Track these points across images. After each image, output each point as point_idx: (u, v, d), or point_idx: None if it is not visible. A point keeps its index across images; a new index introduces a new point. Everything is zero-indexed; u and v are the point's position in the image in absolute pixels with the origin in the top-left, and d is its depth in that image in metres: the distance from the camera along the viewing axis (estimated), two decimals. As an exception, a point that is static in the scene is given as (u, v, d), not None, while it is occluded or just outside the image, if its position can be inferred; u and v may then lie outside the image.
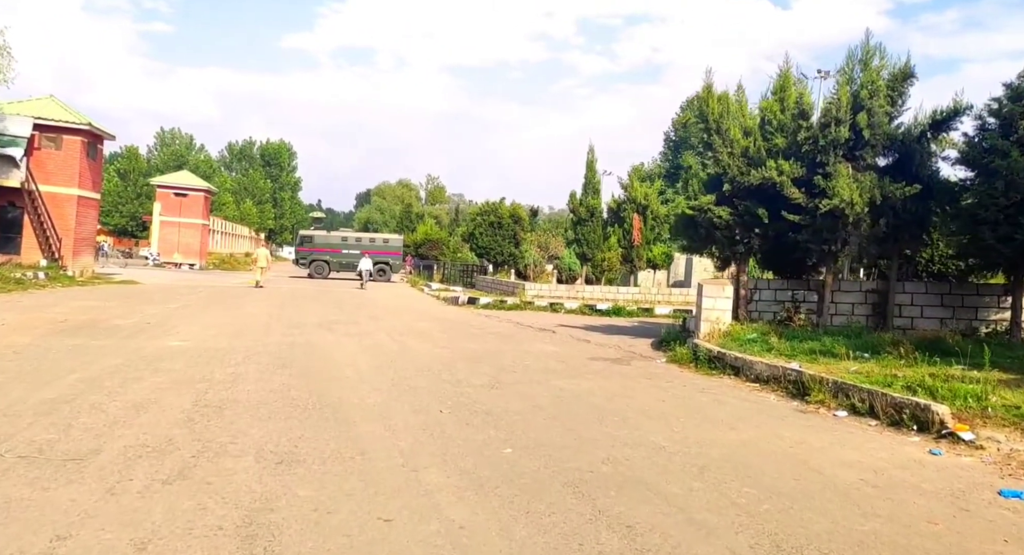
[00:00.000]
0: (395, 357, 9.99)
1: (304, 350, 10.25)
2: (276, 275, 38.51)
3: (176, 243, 43.91)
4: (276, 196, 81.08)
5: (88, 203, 27.53)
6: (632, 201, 23.07)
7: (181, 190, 44.53)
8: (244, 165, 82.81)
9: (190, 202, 44.60)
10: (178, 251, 43.66)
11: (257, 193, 74.69)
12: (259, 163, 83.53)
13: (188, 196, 44.56)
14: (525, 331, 14.64)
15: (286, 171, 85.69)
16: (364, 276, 30.05)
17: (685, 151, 52.24)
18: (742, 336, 10.21)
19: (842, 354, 8.50)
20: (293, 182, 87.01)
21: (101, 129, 27.47)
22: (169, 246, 43.83)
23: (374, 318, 16.21)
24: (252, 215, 68.66)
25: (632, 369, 9.88)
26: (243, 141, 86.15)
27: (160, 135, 75.04)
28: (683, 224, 12.16)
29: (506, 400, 7.25)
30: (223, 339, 11.01)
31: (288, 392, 7.22)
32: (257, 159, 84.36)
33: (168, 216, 44.25)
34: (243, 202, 68.95)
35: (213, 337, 11.22)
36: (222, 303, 18.28)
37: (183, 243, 43.99)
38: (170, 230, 44.06)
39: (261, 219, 72.14)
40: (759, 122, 11.51)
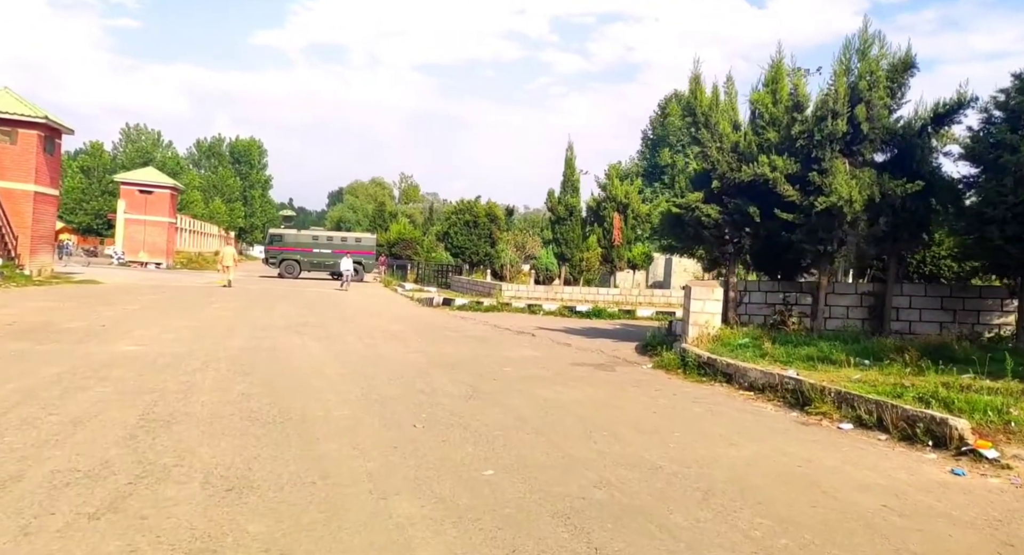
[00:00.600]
0: (366, 363, 9.33)
1: (268, 356, 9.52)
2: (245, 275, 37.34)
3: (142, 242, 42.36)
4: (246, 194, 79.35)
5: (46, 199, 26.20)
6: (612, 200, 22.59)
7: (147, 187, 42.95)
8: (213, 162, 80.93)
9: (156, 199, 43.06)
10: (144, 250, 42.12)
11: (226, 191, 72.96)
12: (228, 160, 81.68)
13: (154, 193, 43.01)
14: (503, 334, 14.05)
15: (256, 169, 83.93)
16: (346, 277, 29.01)
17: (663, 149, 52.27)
18: (733, 341, 9.76)
19: (841, 361, 8.08)
20: (263, 180, 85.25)
21: (59, 123, 26.16)
22: (135, 245, 42.26)
23: (345, 320, 15.47)
24: (221, 213, 66.95)
25: (618, 376, 9.36)
26: (212, 138, 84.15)
27: (126, 131, 72.64)
28: (669, 223, 11.71)
29: (485, 412, 6.66)
30: (181, 343, 10.22)
31: (247, 403, 6.53)
32: (226, 156, 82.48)
33: (133, 214, 42.65)
34: (212, 200, 67.22)
35: (171, 341, 10.42)
36: (185, 304, 17.34)
37: (149, 242, 42.45)
38: (135, 228, 42.48)
39: (231, 217, 70.40)
40: (750, 116, 11.11)
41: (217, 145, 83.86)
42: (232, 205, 72.48)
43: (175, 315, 14.41)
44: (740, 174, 10.34)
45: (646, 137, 55.96)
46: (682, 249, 12.29)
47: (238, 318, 14.49)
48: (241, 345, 10.41)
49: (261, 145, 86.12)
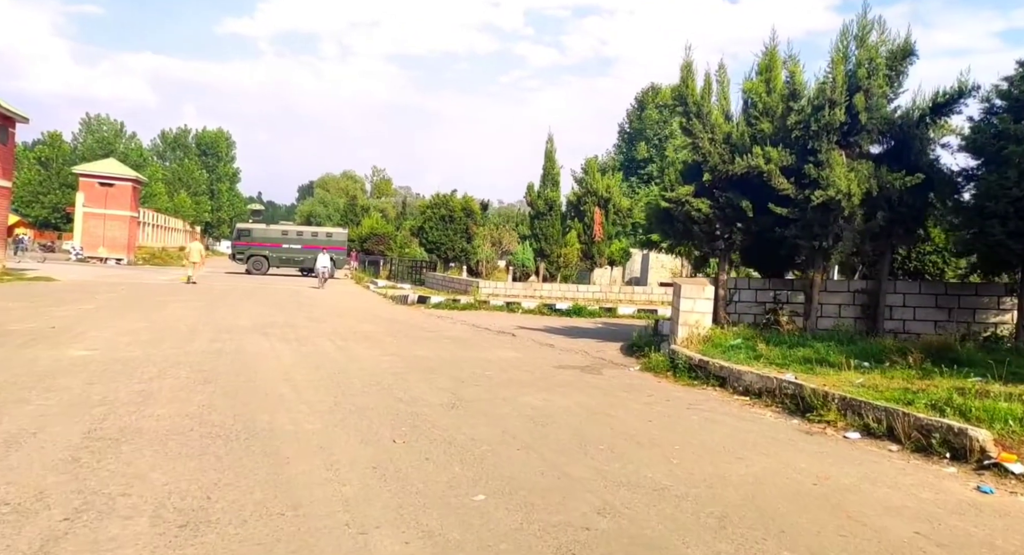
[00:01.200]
0: (339, 368, 8.72)
1: (232, 360, 8.84)
2: (211, 271, 36.12)
3: (101, 236, 40.68)
4: (213, 188, 77.29)
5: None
6: (593, 194, 22.12)
7: (107, 179, 41.24)
8: (179, 154, 78.58)
9: (117, 192, 41.38)
10: (103, 245, 40.45)
11: (192, 184, 70.86)
12: (195, 153, 79.42)
13: (115, 186, 41.32)
14: (482, 334, 13.52)
15: (224, 161, 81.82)
16: (322, 274, 27.71)
17: (640, 143, 52.14)
18: (724, 341, 9.39)
19: (840, 363, 7.75)
20: (231, 173, 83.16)
21: (12, 110, 24.74)
22: (94, 239, 40.56)
23: (315, 320, 14.76)
24: (187, 207, 64.93)
25: (606, 380, 8.91)
26: (178, 129, 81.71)
27: (86, 121, 69.89)
28: (657, 218, 11.29)
29: (471, 424, 6.14)
30: (138, 347, 9.47)
31: (207, 416, 5.90)
32: (192, 148, 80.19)
33: (93, 207, 40.94)
34: (177, 193, 65.15)
35: (126, 345, 9.66)
36: (145, 303, 16.42)
37: (109, 236, 40.78)
38: (95, 222, 40.78)
39: (196, 211, 68.38)
40: (742, 106, 10.74)
41: (183, 136, 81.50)
42: (198, 199, 70.45)
43: (133, 315, 13.55)
44: (733, 166, 9.96)
45: (623, 131, 55.78)
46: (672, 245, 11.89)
47: (201, 318, 13.69)
48: (203, 348, 9.69)
49: (229, 137, 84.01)
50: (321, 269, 27.82)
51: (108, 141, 65.90)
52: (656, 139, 52.23)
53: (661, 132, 52.20)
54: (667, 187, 10.84)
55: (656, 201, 11.35)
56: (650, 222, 12.27)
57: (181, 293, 20.45)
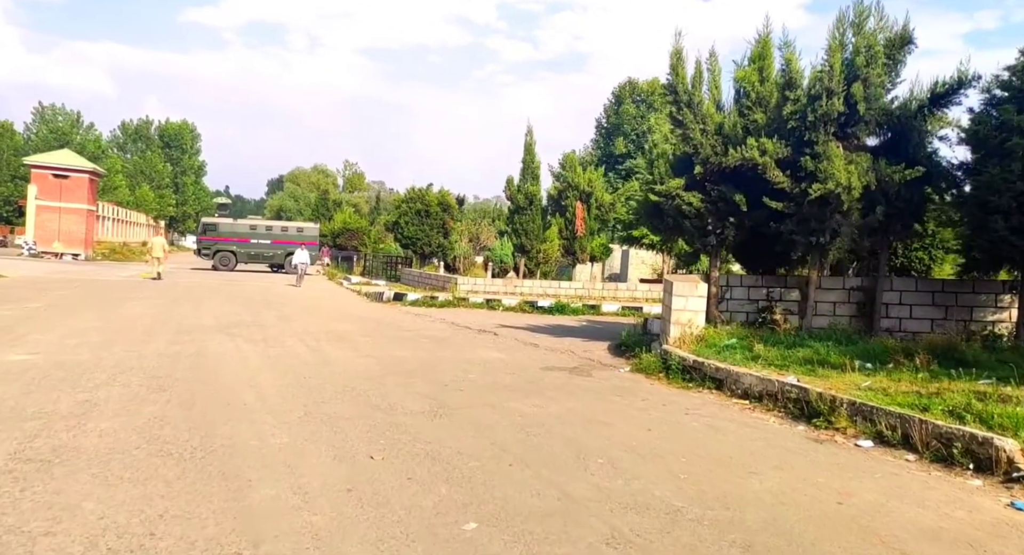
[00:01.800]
0: (309, 372, 8.06)
1: (192, 364, 8.12)
2: (176, 267, 34.80)
3: (56, 231, 38.81)
4: (177, 181, 74.93)
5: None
6: (575, 188, 21.62)
7: (61, 171, 39.34)
8: (140, 147, 75.94)
9: (72, 184, 39.53)
10: (59, 239, 38.62)
11: (155, 177, 68.48)
12: (158, 145, 76.87)
13: (70, 178, 39.46)
14: (463, 333, 12.93)
15: (189, 154, 79.46)
16: (300, 271, 26.21)
17: (618, 138, 51.93)
18: (719, 341, 8.97)
19: (842, 364, 7.36)
20: (197, 166, 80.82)
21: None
22: (48, 234, 38.69)
23: (285, 319, 14.00)
24: (149, 201, 62.70)
25: (596, 382, 8.41)
26: (139, 120, 78.97)
27: (39, 111, 66.76)
28: (647, 212, 10.83)
29: (456, 435, 5.58)
30: (86, 350, 8.67)
31: (159, 431, 5.22)
32: (155, 140, 77.63)
33: (46, 200, 39.03)
34: (139, 186, 62.85)
35: (73, 347, 8.84)
36: (100, 301, 15.43)
37: (65, 230, 38.94)
38: (49, 216, 38.88)
39: (160, 205, 66.14)
40: (734, 96, 10.32)
41: (144, 128, 78.86)
42: (162, 192, 68.13)
43: (85, 314, 12.63)
44: (726, 159, 9.53)
45: (600, 125, 55.53)
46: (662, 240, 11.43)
47: (161, 317, 12.84)
48: (161, 351, 8.93)
49: (194, 129, 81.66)
50: (299, 266, 26.39)
51: (63, 131, 63.05)
52: (634, 134, 52.11)
53: (639, 127, 52.08)
54: (657, 180, 10.39)
55: (645, 194, 10.88)
56: (638, 216, 11.81)
57: (141, 290, 19.41)
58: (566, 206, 21.56)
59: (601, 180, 22.45)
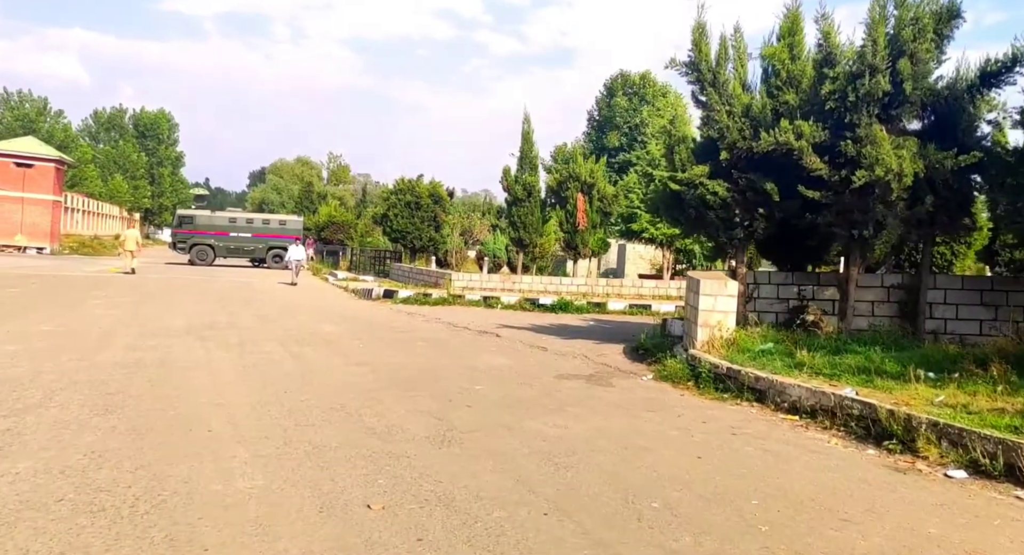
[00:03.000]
0: (291, 384, 6.97)
1: (153, 377, 6.98)
2: (150, 261, 33.30)
3: (19, 223, 36.91)
4: (153, 172, 72.59)
5: None
6: (575, 179, 20.54)
7: (24, 160, 37.38)
8: (114, 136, 73.46)
9: (36, 174, 37.60)
10: (22, 232, 36.75)
11: (129, 167, 66.11)
12: (132, 134, 74.43)
13: (34, 167, 37.54)
14: (463, 335, 11.86)
15: (165, 144, 77.15)
16: (295, 267, 24.20)
17: (611, 131, 50.95)
18: (752, 346, 8.02)
19: (904, 375, 6.43)
20: (174, 157, 78.56)
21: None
22: (10, 226, 36.77)
23: (265, 319, 12.84)
24: (123, 192, 60.47)
25: (619, 393, 7.42)
26: (112, 108, 76.41)
27: (4, 97, 63.94)
28: (666, 202, 9.84)
29: (472, 469, 4.55)
30: (25, 360, 7.49)
31: (95, 473, 4.13)
32: (129, 129, 75.17)
33: (7, 190, 37.02)
34: (112, 177, 60.62)
35: (9, 357, 7.65)
36: (57, 300, 14.14)
37: (28, 223, 37.03)
38: (11, 207, 36.90)
39: (134, 197, 63.96)
40: (762, 75, 9.37)
41: (118, 117, 76.34)
42: (136, 183, 65.84)
43: (35, 316, 11.37)
44: (756, 143, 8.55)
45: (592, 118, 54.52)
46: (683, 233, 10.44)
47: (124, 318, 11.62)
48: (117, 359, 7.77)
49: (171, 118, 79.33)
50: (295, 262, 24.37)
51: (30, 119, 60.41)
52: (627, 127, 51.19)
53: (632, 120, 51.17)
54: (678, 167, 9.39)
55: (663, 183, 9.89)
56: (656, 207, 10.82)
57: (106, 287, 18.08)
58: (566, 198, 20.49)
59: (603, 171, 21.39)
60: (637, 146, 46.41)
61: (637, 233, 26.31)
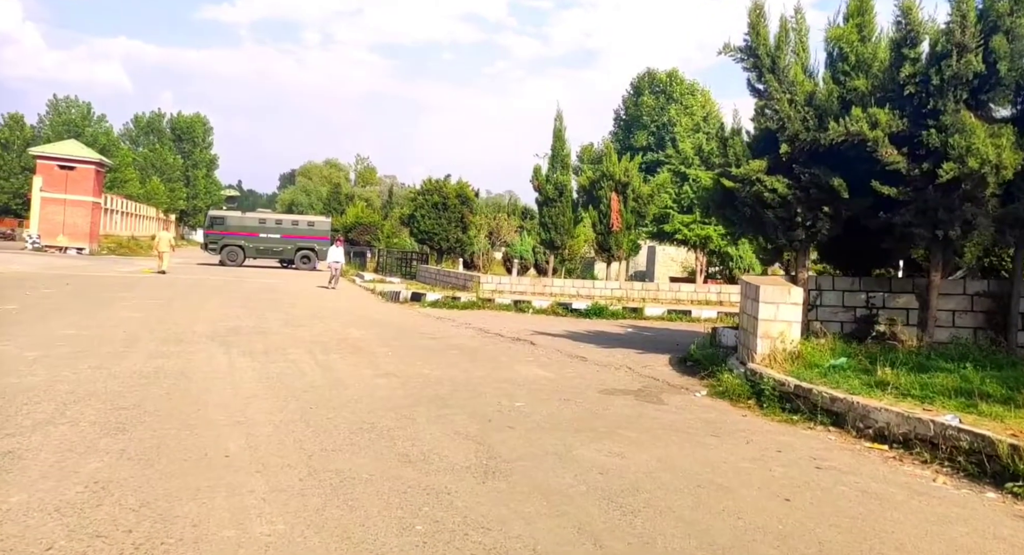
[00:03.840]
0: (317, 398, 6.43)
1: (171, 389, 6.51)
2: (182, 262, 33.43)
3: (61, 223, 37.55)
4: (188, 174, 73.83)
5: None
6: (609, 177, 19.74)
7: (67, 162, 38.09)
8: (152, 139, 75.00)
9: (78, 176, 38.25)
10: (63, 233, 37.37)
11: (166, 170, 67.34)
12: (169, 138, 75.87)
13: (76, 169, 38.19)
14: (495, 343, 11.25)
15: (200, 147, 78.47)
16: (334, 271, 22.64)
17: (638, 131, 50.01)
18: (821, 361, 7.25)
19: (1012, 398, 5.61)
20: (209, 159, 79.79)
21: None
22: (53, 227, 37.44)
23: (292, 323, 12.40)
24: (160, 194, 61.51)
25: (675, 413, 6.71)
26: (151, 113, 77.95)
27: (53, 103, 65.87)
28: (718, 201, 9.09)
29: (522, 512, 3.91)
30: (45, 367, 7.09)
31: (92, 511, 3.60)
32: (167, 133, 76.62)
33: (51, 192, 37.78)
34: (149, 179, 61.73)
35: (29, 363, 7.28)
36: (86, 301, 13.91)
37: (70, 223, 37.67)
38: (54, 209, 37.63)
39: (170, 199, 65.00)
40: (826, 59, 8.57)
41: (156, 121, 77.88)
42: (172, 185, 66.99)
43: (64, 318, 11.08)
44: (822, 134, 7.77)
45: (619, 117, 53.60)
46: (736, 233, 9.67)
47: (149, 322, 11.27)
48: (137, 368, 7.33)
49: (206, 122, 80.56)
50: (333, 265, 22.82)
51: (75, 123, 62.05)
52: (654, 126, 50.16)
53: (659, 119, 50.14)
54: (732, 162, 8.63)
55: (715, 180, 9.12)
56: (707, 206, 10.08)
57: (136, 288, 17.91)
58: (599, 197, 19.69)
59: (637, 169, 20.55)
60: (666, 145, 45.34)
61: (669, 234, 25.38)
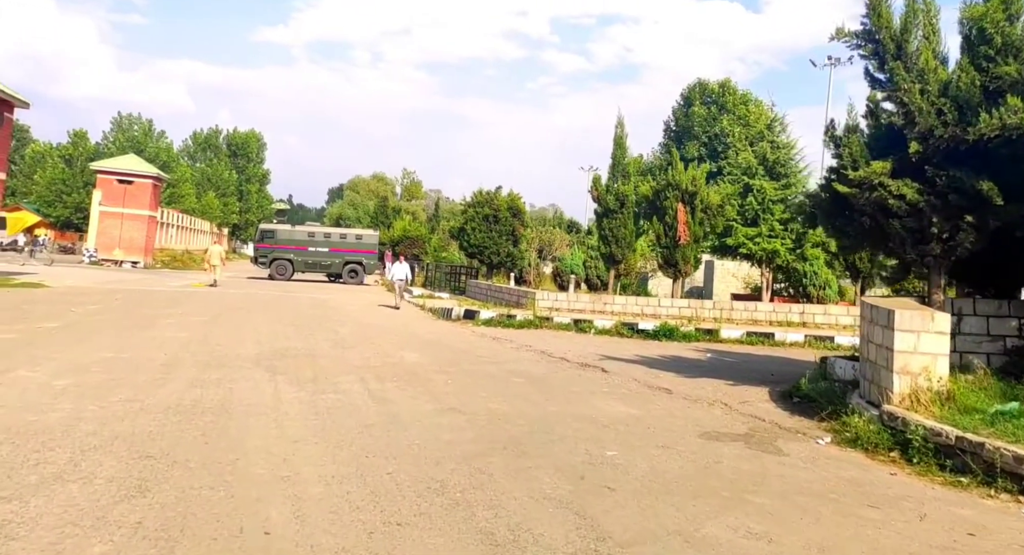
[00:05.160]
0: (375, 444, 5.46)
1: (207, 428, 5.65)
2: (232, 275, 33.49)
3: (118, 237, 38.19)
4: (242, 188, 75.36)
5: (-13, 185, 22.30)
6: (675, 187, 18.38)
7: (126, 176, 38.81)
8: (209, 155, 77.04)
9: (136, 190, 38.92)
10: (120, 247, 37.97)
11: (221, 185, 68.87)
12: (225, 153, 77.77)
13: (133, 183, 38.87)
14: (563, 369, 10.15)
15: (254, 162, 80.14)
16: (399, 288, 20.61)
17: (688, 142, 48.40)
18: (981, 404, 5.92)
19: None
20: (261, 174, 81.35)
21: (9, 93, 22.24)
22: (110, 241, 38.12)
23: (341, 343, 11.58)
24: (214, 208, 62.77)
25: (802, 468, 5.48)
26: (208, 130, 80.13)
27: (117, 120, 68.37)
28: (827, 209, 7.81)
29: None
30: (70, 398, 6.35)
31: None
32: (223, 149, 78.56)
33: (110, 206, 38.53)
34: (205, 194, 63.15)
35: (55, 395, 6.53)
36: (131, 318, 13.43)
37: (126, 237, 38.27)
38: (112, 222, 38.31)
39: (224, 213, 66.33)
40: (962, 44, 7.28)
41: (213, 137, 79.95)
42: (226, 200, 68.43)
43: (102, 338, 10.51)
44: (971, 129, 6.48)
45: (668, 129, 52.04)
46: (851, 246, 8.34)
47: (193, 342, 10.60)
48: (173, 400, 6.53)
49: (260, 138, 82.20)
50: (398, 282, 20.73)
51: (138, 140, 64.17)
52: (705, 137, 48.43)
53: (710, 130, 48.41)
54: (848, 163, 7.37)
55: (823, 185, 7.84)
56: (811, 216, 8.77)
57: (184, 303, 17.53)
58: (664, 208, 18.34)
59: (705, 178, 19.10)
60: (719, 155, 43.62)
61: (732, 248, 23.78)
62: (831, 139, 7.86)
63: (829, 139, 7.89)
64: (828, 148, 7.96)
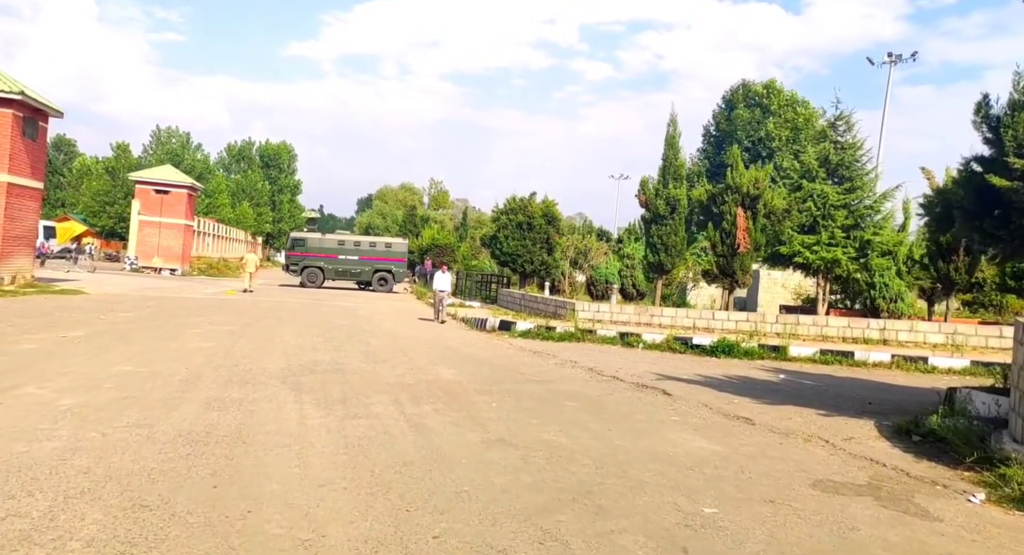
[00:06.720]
0: (413, 489, 4.50)
1: (218, 465, 4.76)
2: (265, 283, 33.15)
3: (156, 246, 38.50)
4: (275, 199, 76.30)
5: (24, 193, 22.11)
6: (735, 190, 17.04)
7: (162, 186, 39.12)
8: (243, 166, 78.41)
9: (172, 200, 39.19)
10: (158, 254, 38.25)
11: (255, 195, 69.75)
12: (258, 164, 78.93)
13: (170, 193, 39.13)
14: (617, 389, 9.07)
15: (286, 173, 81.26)
16: (438, 301, 18.65)
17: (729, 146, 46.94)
18: None
19: None
20: (293, 185, 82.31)
21: (43, 102, 22.11)
22: (149, 249, 38.43)
23: (372, 357, 10.70)
24: (248, 217, 63.43)
25: (968, 543, 4.32)
26: (242, 142, 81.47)
27: (156, 133, 70.15)
28: (969, 208, 6.56)
29: None
30: (68, 424, 5.56)
31: None
32: (256, 160, 79.77)
33: (148, 215, 38.87)
34: (239, 204, 63.94)
35: (55, 418, 5.78)
36: (158, 327, 12.78)
37: (164, 246, 38.55)
38: (150, 231, 38.69)
39: (257, 223, 66.99)
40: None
41: (247, 149, 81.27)
42: (260, 209, 69.24)
43: (126, 348, 9.81)
44: None
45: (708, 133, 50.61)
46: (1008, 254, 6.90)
47: (217, 354, 9.82)
48: (185, 426, 5.68)
49: (291, 149, 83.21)
50: (440, 293, 18.69)
51: (175, 152, 65.51)
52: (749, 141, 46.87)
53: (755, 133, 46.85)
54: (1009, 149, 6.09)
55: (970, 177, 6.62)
56: (943, 218, 7.52)
57: (215, 311, 16.92)
58: (722, 213, 17.03)
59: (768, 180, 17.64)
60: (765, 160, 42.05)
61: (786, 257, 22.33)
62: (983, 120, 6.59)
63: (981, 120, 6.61)
64: (978, 131, 6.67)
